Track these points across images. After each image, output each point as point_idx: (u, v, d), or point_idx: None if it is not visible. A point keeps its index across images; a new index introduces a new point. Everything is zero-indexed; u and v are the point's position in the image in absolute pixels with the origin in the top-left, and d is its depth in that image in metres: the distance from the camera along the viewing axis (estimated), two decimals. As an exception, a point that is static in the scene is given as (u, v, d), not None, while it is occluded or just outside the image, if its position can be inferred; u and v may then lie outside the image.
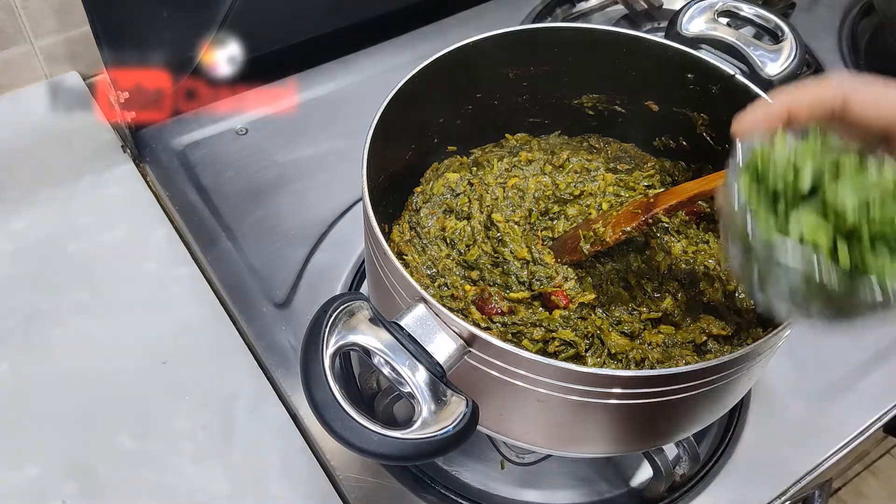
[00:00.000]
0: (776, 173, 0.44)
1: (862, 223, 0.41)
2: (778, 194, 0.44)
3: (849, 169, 0.43)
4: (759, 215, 0.44)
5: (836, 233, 0.42)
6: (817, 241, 0.42)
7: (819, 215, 0.42)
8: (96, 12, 0.84)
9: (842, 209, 0.42)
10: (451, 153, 0.81)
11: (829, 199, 0.42)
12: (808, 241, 0.42)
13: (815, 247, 0.42)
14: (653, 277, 0.73)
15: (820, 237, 0.42)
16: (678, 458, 0.74)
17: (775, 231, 0.43)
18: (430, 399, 0.50)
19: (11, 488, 0.71)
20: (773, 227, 0.43)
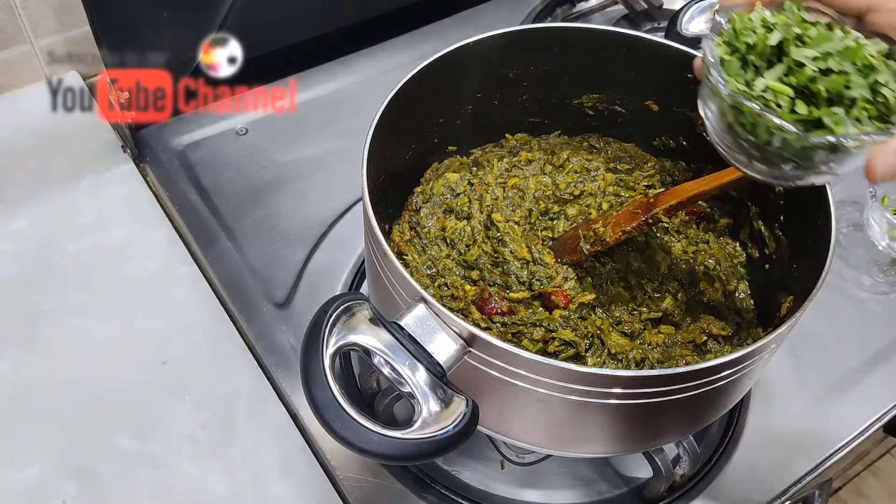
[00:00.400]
0: (748, 31, 0.49)
1: (819, 79, 0.46)
2: (749, 54, 0.48)
3: (815, 34, 0.47)
4: (730, 70, 0.48)
5: (797, 90, 0.47)
6: (779, 94, 0.46)
7: (783, 74, 0.47)
8: (96, 12, 0.84)
9: (802, 64, 0.46)
10: (451, 153, 0.81)
11: (793, 57, 0.47)
12: (771, 94, 0.47)
13: (776, 98, 0.46)
14: (653, 277, 0.73)
15: (782, 91, 0.46)
16: (678, 458, 0.74)
17: (742, 84, 0.47)
18: (430, 399, 0.50)
19: (11, 488, 0.71)
20: (741, 82, 0.48)
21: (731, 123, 0.49)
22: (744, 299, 0.74)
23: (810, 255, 0.64)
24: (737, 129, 0.49)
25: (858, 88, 0.46)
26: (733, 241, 0.78)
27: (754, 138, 0.48)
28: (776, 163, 0.49)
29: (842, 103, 0.46)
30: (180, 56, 0.87)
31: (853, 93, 0.46)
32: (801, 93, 0.47)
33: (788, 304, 0.66)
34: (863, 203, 0.94)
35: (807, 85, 0.46)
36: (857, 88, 0.46)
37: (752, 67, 0.48)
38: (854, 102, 0.46)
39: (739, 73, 0.48)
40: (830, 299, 0.89)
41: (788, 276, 0.69)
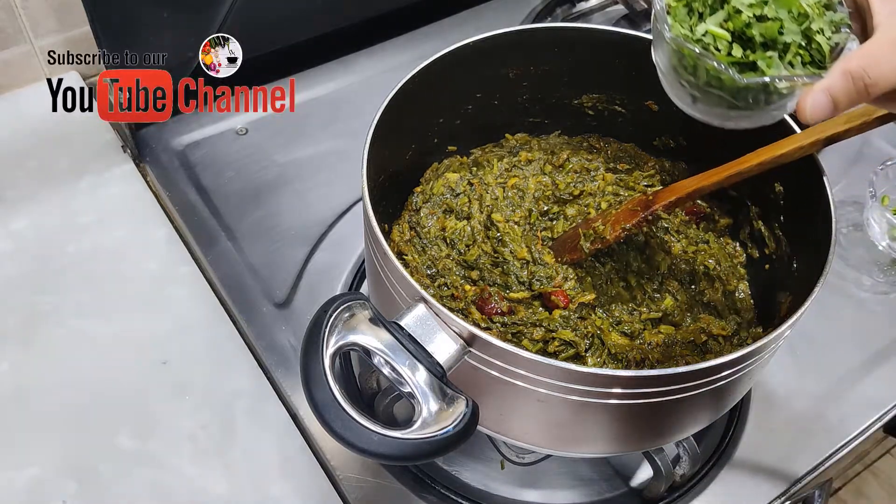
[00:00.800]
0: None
1: (754, 24, 0.49)
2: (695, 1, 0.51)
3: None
4: (677, 16, 0.52)
5: (735, 35, 0.50)
6: (718, 38, 0.50)
7: (723, 20, 0.50)
8: (96, 12, 0.84)
9: (738, 7, 0.49)
10: (451, 153, 0.81)
11: (732, 4, 0.50)
12: (711, 38, 0.50)
13: (716, 42, 0.50)
14: (653, 277, 0.73)
15: (720, 35, 0.50)
16: (678, 458, 0.74)
17: (686, 30, 0.51)
18: (430, 399, 0.50)
19: (11, 488, 0.71)
20: (686, 27, 0.51)
21: (675, 66, 0.53)
22: (744, 299, 0.74)
23: (810, 255, 0.64)
24: (680, 71, 0.53)
25: (791, 34, 0.49)
26: (733, 241, 0.78)
27: (695, 79, 0.52)
28: (716, 103, 0.52)
29: (776, 48, 0.49)
30: (180, 56, 0.86)
31: (786, 38, 0.49)
32: (739, 38, 0.50)
33: (788, 304, 0.66)
34: (863, 203, 0.94)
35: (743, 30, 0.50)
36: (790, 34, 0.49)
37: (697, 14, 0.52)
38: (787, 47, 0.49)
39: (685, 20, 0.52)
40: (830, 299, 0.89)
41: (788, 276, 0.69)
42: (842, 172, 1.01)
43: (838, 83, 0.46)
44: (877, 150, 1.04)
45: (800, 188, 0.67)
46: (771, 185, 0.71)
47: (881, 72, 0.46)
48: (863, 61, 0.46)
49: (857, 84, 0.46)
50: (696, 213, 0.79)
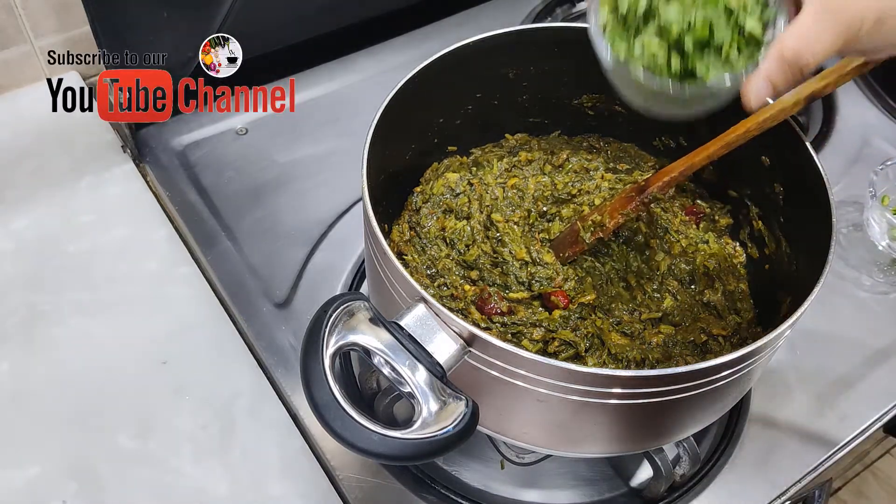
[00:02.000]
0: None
1: (685, 34, 0.51)
2: (627, 18, 0.53)
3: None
4: (614, 32, 0.53)
5: (669, 46, 0.51)
6: (654, 56, 0.52)
7: (656, 34, 0.52)
8: (96, 12, 0.84)
9: (667, 25, 0.51)
10: (451, 153, 0.81)
11: (661, 18, 0.51)
12: (648, 56, 0.52)
13: (653, 59, 0.52)
14: (653, 277, 0.73)
15: (658, 52, 0.52)
16: (678, 458, 0.73)
17: (624, 51, 0.53)
18: (430, 399, 0.50)
19: (11, 488, 0.71)
20: (623, 48, 0.53)
21: (620, 82, 0.55)
22: (744, 299, 0.74)
23: (810, 255, 0.64)
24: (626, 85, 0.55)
25: (722, 34, 0.50)
26: (733, 241, 0.78)
27: (641, 92, 0.54)
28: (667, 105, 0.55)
29: (712, 47, 0.51)
30: (180, 56, 0.86)
31: (718, 38, 0.51)
32: (675, 46, 0.52)
33: (788, 304, 0.66)
34: (863, 203, 0.94)
35: (677, 41, 0.51)
36: (721, 34, 0.50)
37: (634, 28, 0.53)
38: (722, 46, 0.51)
39: (622, 35, 0.53)
40: (830, 299, 0.89)
41: (788, 276, 0.69)
42: (842, 172, 1.01)
43: (775, 69, 0.48)
44: (877, 150, 1.04)
45: (800, 188, 0.67)
46: (771, 185, 0.71)
47: (813, 52, 0.47)
48: (795, 43, 0.47)
49: (793, 67, 0.47)
50: (696, 213, 0.79)
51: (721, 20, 0.50)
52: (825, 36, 0.46)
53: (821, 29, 0.46)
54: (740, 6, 0.50)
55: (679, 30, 0.51)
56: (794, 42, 0.47)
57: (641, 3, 0.52)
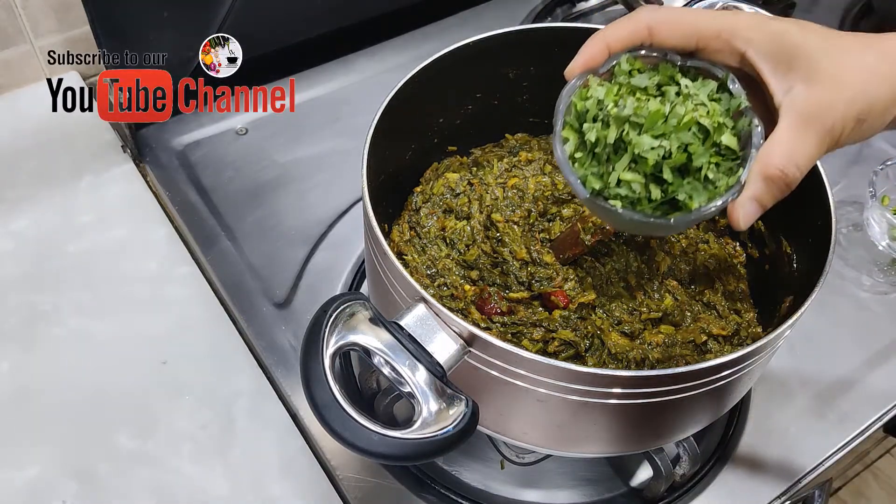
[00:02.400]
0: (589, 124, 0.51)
1: (663, 163, 0.48)
2: (595, 148, 0.50)
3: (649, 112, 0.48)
4: (582, 162, 0.51)
5: (646, 176, 0.49)
6: (632, 188, 0.49)
7: (629, 163, 0.49)
8: (96, 12, 0.84)
9: (642, 156, 0.48)
10: (451, 153, 0.81)
11: (634, 149, 0.48)
12: (626, 190, 0.49)
13: (631, 192, 0.49)
14: (653, 277, 0.73)
15: (633, 179, 0.49)
16: (678, 458, 0.73)
17: (599, 185, 0.50)
18: (430, 399, 0.50)
19: (11, 488, 0.71)
20: (596, 182, 0.50)
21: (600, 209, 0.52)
22: (744, 299, 0.74)
23: (810, 255, 0.64)
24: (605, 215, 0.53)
25: (700, 157, 0.48)
26: (733, 241, 0.78)
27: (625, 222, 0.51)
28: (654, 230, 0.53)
29: (690, 172, 0.49)
30: (180, 56, 0.86)
31: (697, 162, 0.48)
32: (652, 176, 0.49)
33: (788, 304, 0.66)
34: (863, 203, 0.94)
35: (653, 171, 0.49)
36: (700, 157, 0.48)
37: (604, 159, 0.50)
38: (701, 167, 0.48)
39: (593, 167, 0.51)
40: (830, 299, 0.89)
41: (788, 276, 0.69)
42: (842, 172, 1.01)
43: (761, 189, 0.46)
44: (877, 150, 1.04)
45: (800, 188, 0.66)
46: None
47: (797, 165, 0.45)
48: (778, 160, 0.45)
49: (779, 183, 0.46)
50: (696, 213, 0.79)
51: (697, 143, 0.48)
52: (807, 147, 0.45)
53: (802, 141, 0.45)
54: (713, 125, 0.48)
55: (656, 159, 0.48)
56: (778, 159, 0.45)
57: (611, 134, 0.49)
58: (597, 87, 0.51)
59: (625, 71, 0.51)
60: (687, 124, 0.48)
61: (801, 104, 0.45)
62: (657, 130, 0.48)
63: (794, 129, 0.45)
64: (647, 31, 0.49)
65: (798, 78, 0.45)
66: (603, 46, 0.50)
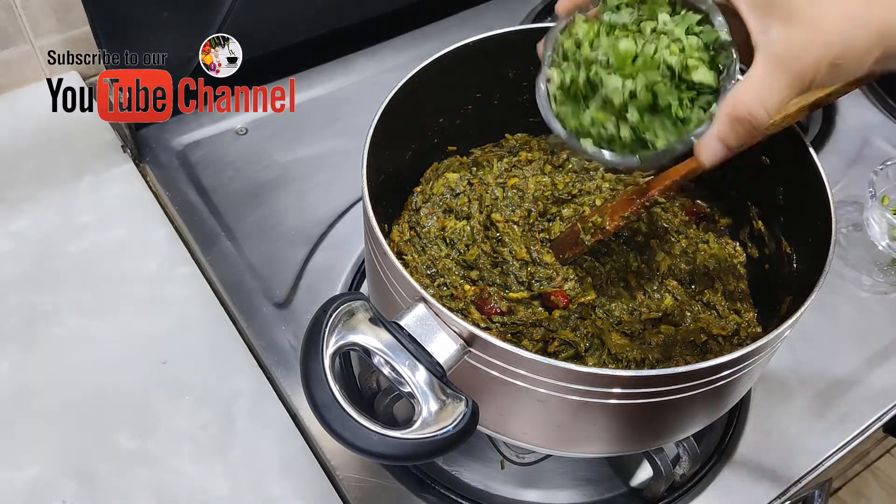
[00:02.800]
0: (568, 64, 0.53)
1: (629, 103, 0.49)
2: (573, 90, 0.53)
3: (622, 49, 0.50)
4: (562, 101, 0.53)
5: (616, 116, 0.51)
6: (604, 127, 0.51)
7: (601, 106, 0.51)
8: (96, 12, 0.84)
9: (609, 96, 0.50)
10: (451, 153, 0.81)
11: (603, 89, 0.50)
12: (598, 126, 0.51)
13: (603, 130, 0.51)
14: (653, 277, 0.73)
15: (604, 118, 0.51)
16: (678, 458, 0.73)
17: (574, 125, 0.53)
18: (430, 399, 0.50)
19: (11, 488, 0.71)
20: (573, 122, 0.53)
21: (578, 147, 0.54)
22: (744, 299, 0.74)
23: (810, 255, 0.64)
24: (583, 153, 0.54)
25: (667, 96, 0.49)
26: (733, 241, 0.78)
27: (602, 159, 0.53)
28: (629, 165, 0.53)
29: (660, 111, 0.50)
30: (180, 56, 0.86)
31: (663, 102, 0.49)
32: (622, 116, 0.50)
33: (788, 304, 0.66)
34: (863, 203, 0.94)
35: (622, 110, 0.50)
36: (666, 96, 0.49)
37: (582, 98, 0.52)
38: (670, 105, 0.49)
39: (571, 107, 0.53)
40: (830, 299, 0.89)
41: (788, 275, 0.69)
42: (842, 172, 1.01)
43: (727, 129, 0.46)
44: (877, 150, 1.04)
45: (800, 188, 0.67)
46: (771, 185, 0.71)
47: (766, 107, 0.45)
48: (747, 100, 0.45)
49: (746, 125, 0.46)
50: (696, 213, 0.79)
51: (663, 82, 0.49)
52: (778, 90, 0.45)
53: (773, 83, 0.45)
54: (681, 63, 0.48)
55: (622, 100, 0.49)
56: (746, 100, 0.45)
57: (581, 74, 0.51)
58: (581, 24, 0.52)
59: (612, 7, 0.51)
60: (655, 62, 0.49)
61: (777, 46, 0.44)
62: (626, 70, 0.49)
63: (767, 71, 0.44)
64: None
65: (776, 18, 0.44)
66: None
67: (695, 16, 0.50)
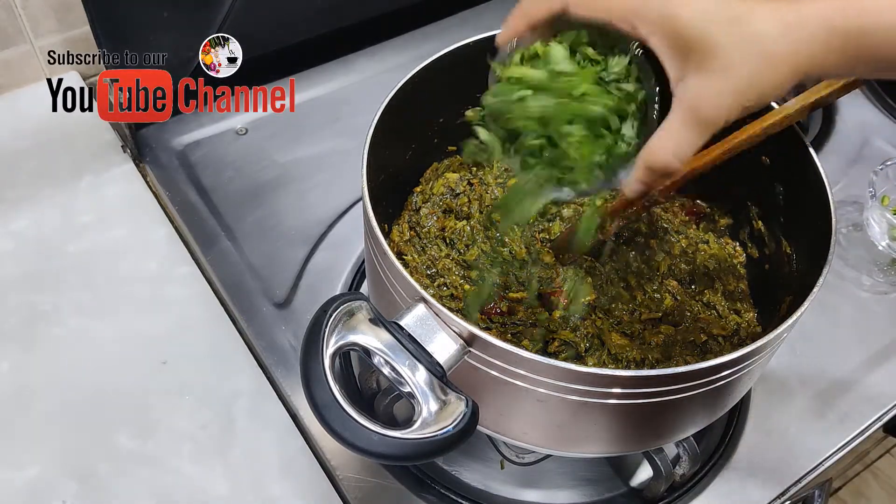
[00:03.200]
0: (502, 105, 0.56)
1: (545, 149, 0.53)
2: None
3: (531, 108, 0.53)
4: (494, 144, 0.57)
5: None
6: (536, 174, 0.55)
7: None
8: (96, 12, 0.84)
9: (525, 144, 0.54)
10: (451, 153, 0.81)
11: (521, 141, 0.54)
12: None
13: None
14: (653, 277, 0.73)
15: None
16: (678, 458, 0.73)
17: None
18: (430, 399, 0.50)
19: (11, 488, 0.71)
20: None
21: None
22: (744, 299, 0.74)
23: (810, 255, 0.64)
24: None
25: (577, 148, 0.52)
26: (733, 241, 0.78)
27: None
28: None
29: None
30: (180, 56, 0.86)
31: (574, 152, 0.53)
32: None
33: (788, 304, 0.66)
34: (863, 203, 0.94)
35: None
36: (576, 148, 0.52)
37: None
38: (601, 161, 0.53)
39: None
40: (830, 299, 0.89)
41: (788, 276, 0.69)
42: (842, 172, 1.01)
43: (645, 176, 0.49)
44: (877, 150, 1.04)
45: (800, 188, 0.67)
46: (771, 185, 0.71)
47: (680, 158, 0.47)
48: (662, 155, 0.47)
49: (661, 173, 0.48)
50: (696, 213, 0.79)
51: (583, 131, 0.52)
52: (690, 142, 0.47)
53: (686, 135, 0.46)
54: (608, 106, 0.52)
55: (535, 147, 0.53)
56: (662, 153, 0.47)
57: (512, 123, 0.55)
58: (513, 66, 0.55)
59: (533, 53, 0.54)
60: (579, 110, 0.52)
61: (689, 97, 0.46)
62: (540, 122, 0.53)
63: (681, 123, 0.46)
64: (563, 6, 0.50)
65: (691, 66, 0.45)
66: (524, 23, 0.53)
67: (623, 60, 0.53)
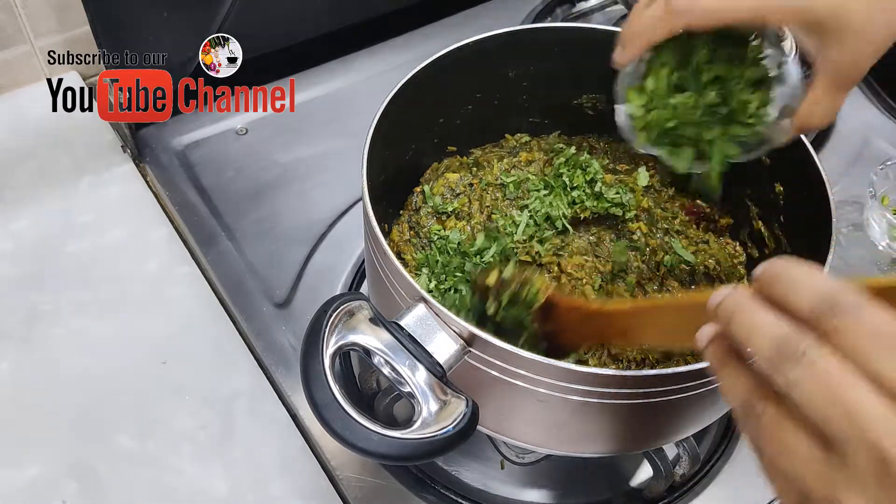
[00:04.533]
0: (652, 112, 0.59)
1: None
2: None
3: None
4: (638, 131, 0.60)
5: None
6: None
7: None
8: (96, 12, 0.84)
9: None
10: (451, 153, 0.81)
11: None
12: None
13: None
14: (653, 278, 0.73)
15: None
16: (678, 458, 0.74)
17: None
18: (430, 399, 0.50)
19: (11, 488, 0.71)
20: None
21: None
22: (743, 300, 0.74)
23: (810, 256, 0.64)
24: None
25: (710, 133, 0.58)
26: (733, 241, 0.78)
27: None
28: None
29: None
30: (180, 56, 0.87)
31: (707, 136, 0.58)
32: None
33: (788, 304, 0.66)
34: (863, 203, 0.94)
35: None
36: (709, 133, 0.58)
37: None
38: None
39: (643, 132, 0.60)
40: (830, 299, 0.89)
41: (788, 276, 0.69)
42: (842, 172, 1.01)
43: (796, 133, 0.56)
44: (877, 149, 1.04)
45: (800, 188, 0.67)
46: (771, 185, 0.71)
47: (831, 118, 0.55)
48: (818, 121, 0.55)
49: (813, 129, 0.56)
50: (696, 213, 0.79)
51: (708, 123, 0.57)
52: (836, 106, 0.54)
53: (833, 101, 0.53)
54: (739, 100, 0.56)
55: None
56: (817, 119, 0.54)
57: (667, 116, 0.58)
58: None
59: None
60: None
61: (832, 67, 0.51)
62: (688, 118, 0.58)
63: (828, 90, 0.52)
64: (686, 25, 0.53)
65: (829, 39, 0.50)
66: (645, 43, 0.56)
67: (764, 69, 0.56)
